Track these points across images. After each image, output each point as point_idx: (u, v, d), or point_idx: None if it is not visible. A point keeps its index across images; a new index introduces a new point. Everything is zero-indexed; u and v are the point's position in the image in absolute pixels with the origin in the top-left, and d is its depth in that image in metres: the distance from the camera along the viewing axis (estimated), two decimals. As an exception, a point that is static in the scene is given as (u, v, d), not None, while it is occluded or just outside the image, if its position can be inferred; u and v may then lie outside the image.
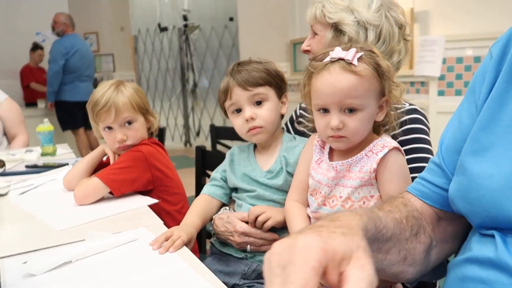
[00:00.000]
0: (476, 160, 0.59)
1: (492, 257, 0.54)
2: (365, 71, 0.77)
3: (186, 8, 5.89)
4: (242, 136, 1.04)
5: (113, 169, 1.23)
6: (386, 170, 0.80)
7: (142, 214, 1.08)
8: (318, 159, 0.89)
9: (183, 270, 0.75)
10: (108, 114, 1.23)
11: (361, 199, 0.82)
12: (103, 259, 0.81)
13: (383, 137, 0.85)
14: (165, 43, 6.21)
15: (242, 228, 0.97)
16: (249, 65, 1.02)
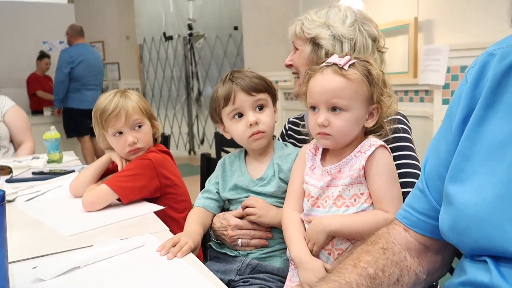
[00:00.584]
0: (460, 189, 0.60)
1: (487, 283, 0.55)
2: (354, 76, 0.85)
3: (191, 17, 5.95)
4: (242, 141, 1.05)
5: (121, 176, 1.24)
6: (373, 166, 0.84)
7: (148, 221, 1.08)
8: (311, 165, 0.93)
9: (192, 276, 0.76)
10: (118, 118, 1.25)
11: (352, 197, 0.86)
12: (111, 265, 0.82)
13: (370, 137, 0.89)
14: (170, 51, 6.27)
15: (235, 221, 1.02)
16: (246, 72, 1.05)
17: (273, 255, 1.02)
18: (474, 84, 0.63)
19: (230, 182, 1.08)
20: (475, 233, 0.57)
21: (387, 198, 0.84)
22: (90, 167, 1.37)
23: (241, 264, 1.01)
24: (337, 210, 0.86)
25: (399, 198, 0.85)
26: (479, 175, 0.58)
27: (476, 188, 0.58)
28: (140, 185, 1.22)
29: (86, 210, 1.17)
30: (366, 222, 0.82)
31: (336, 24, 1.02)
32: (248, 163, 1.09)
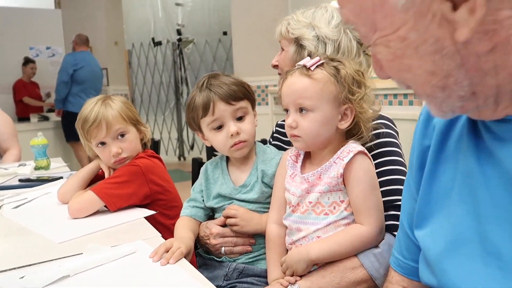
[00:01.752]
0: (422, 234, 0.61)
1: None
2: (319, 75, 0.84)
3: (180, 23, 5.94)
4: (224, 151, 1.03)
5: (109, 183, 1.21)
6: (352, 174, 0.83)
7: (139, 227, 1.07)
8: (292, 173, 0.92)
9: (186, 282, 0.74)
10: (99, 129, 1.21)
11: (331, 204, 0.85)
12: (102, 273, 0.80)
13: (350, 143, 0.87)
14: (159, 57, 6.24)
15: (216, 230, 1.01)
16: (223, 78, 1.01)
17: (259, 258, 1.01)
18: (423, 131, 0.63)
19: (213, 191, 1.07)
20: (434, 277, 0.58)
21: (364, 208, 0.82)
22: (78, 173, 1.34)
23: (228, 269, 1.00)
24: (316, 217, 0.85)
25: (377, 207, 0.84)
26: (434, 221, 0.59)
27: (431, 234, 0.59)
28: (128, 192, 1.20)
29: (72, 216, 1.15)
30: (342, 244, 0.82)
31: (321, 25, 1.01)
32: (230, 169, 1.08)
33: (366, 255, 0.83)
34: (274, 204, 0.96)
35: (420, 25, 0.42)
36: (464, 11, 0.39)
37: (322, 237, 0.85)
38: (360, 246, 0.83)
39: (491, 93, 0.44)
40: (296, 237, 0.88)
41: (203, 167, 1.13)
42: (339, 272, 0.82)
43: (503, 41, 0.40)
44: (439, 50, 0.43)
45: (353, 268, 0.82)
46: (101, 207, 1.18)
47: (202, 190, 1.10)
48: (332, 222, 0.84)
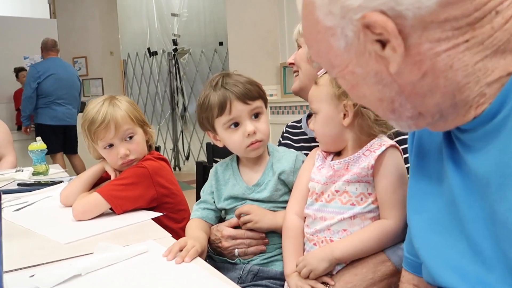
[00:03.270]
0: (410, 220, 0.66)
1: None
2: (322, 80, 0.89)
3: (176, 33, 5.96)
4: (240, 151, 1.02)
5: (115, 185, 1.18)
6: (382, 166, 0.83)
7: (147, 228, 1.04)
8: (319, 165, 0.92)
9: (206, 279, 0.72)
10: (108, 130, 1.18)
11: (359, 195, 0.84)
12: (114, 272, 0.77)
13: (380, 137, 0.87)
14: (155, 67, 6.23)
15: (228, 232, 0.99)
16: (237, 77, 1.00)
17: (274, 259, 0.99)
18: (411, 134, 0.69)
19: (224, 192, 1.05)
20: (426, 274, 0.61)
21: (390, 201, 0.82)
22: (82, 175, 1.31)
23: (242, 271, 0.97)
24: (342, 206, 0.84)
25: (404, 202, 0.81)
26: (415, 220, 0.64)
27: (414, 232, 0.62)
28: (135, 195, 1.17)
29: (76, 219, 1.11)
30: (367, 240, 0.81)
31: None
32: (242, 170, 1.06)
33: (393, 249, 0.82)
34: (296, 195, 0.94)
35: (362, 61, 0.50)
36: (389, 50, 0.47)
37: (348, 232, 0.83)
38: (386, 242, 0.81)
39: (435, 110, 0.51)
40: (320, 227, 0.86)
41: (213, 169, 1.11)
42: (370, 267, 0.81)
43: (430, 68, 0.47)
44: (380, 81, 0.51)
45: (383, 262, 0.81)
46: (106, 210, 1.15)
47: (212, 192, 1.07)
48: (358, 214, 0.83)
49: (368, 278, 0.80)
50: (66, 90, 4.26)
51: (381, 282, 0.80)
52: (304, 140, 1.15)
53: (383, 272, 0.80)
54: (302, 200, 0.93)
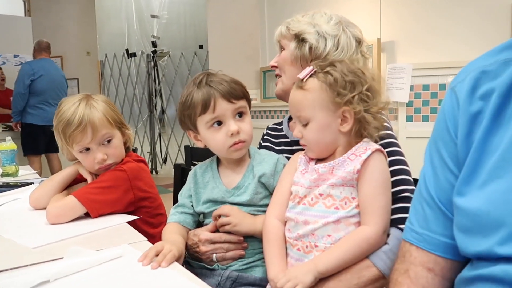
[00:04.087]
0: (469, 200, 0.60)
1: None
2: (310, 85, 0.85)
3: (155, 35, 5.89)
4: (221, 151, 0.99)
5: (92, 188, 1.13)
6: (367, 171, 0.81)
7: (123, 231, 1.00)
8: (303, 169, 0.90)
9: (182, 285, 0.69)
10: (84, 134, 1.11)
11: (343, 199, 0.82)
12: (85, 278, 0.73)
13: (365, 141, 0.86)
14: (133, 68, 6.13)
15: (205, 236, 0.95)
16: (221, 76, 0.98)
17: (254, 265, 0.96)
18: (468, 99, 0.65)
19: (203, 195, 1.02)
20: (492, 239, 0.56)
21: (372, 207, 0.80)
22: (54, 177, 1.25)
23: (220, 277, 0.94)
24: (326, 210, 0.82)
25: (385, 209, 0.82)
26: (489, 184, 0.58)
27: (486, 196, 0.58)
28: (112, 198, 1.12)
29: (50, 222, 1.06)
30: (349, 250, 0.79)
31: (321, 23, 1.03)
32: (222, 173, 1.03)
33: (377, 254, 0.81)
34: (277, 199, 0.92)
35: None
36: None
37: (332, 238, 0.81)
38: (368, 249, 0.80)
39: None
40: (303, 231, 0.83)
41: (192, 171, 1.08)
42: (354, 273, 0.79)
43: None
44: None
45: (368, 267, 0.80)
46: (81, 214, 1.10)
47: (191, 195, 1.04)
48: (342, 218, 0.81)
49: (352, 284, 0.79)
50: (57, 91, 4.27)
51: (366, 287, 0.79)
52: (286, 143, 1.13)
53: (368, 278, 0.79)
54: (283, 204, 0.91)
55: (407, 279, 0.69)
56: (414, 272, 0.69)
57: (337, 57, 1.00)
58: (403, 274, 0.70)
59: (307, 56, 1.01)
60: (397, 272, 0.71)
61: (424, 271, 0.68)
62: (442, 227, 0.67)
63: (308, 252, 0.83)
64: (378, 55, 3.12)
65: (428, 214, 0.69)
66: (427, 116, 2.79)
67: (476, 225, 0.58)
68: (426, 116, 2.80)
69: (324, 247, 0.81)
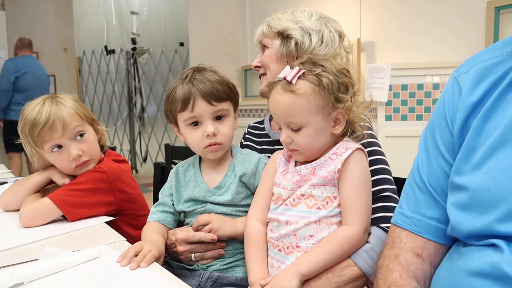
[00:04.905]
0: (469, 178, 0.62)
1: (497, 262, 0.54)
2: (303, 89, 0.80)
3: (135, 32, 5.79)
4: (197, 151, 0.98)
5: (69, 190, 1.07)
6: (347, 170, 0.81)
7: (101, 232, 0.98)
8: (283, 170, 0.89)
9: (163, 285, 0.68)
10: (53, 130, 1.05)
11: (324, 199, 0.82)
12: (61, 280, 0.71)
13: (345, 140, 0.86)
14: (112, 66, 6.02)
15: (181, 235, 0.94)
16: (208, 74, 0.96)
17: (234, 265, 0.95)
18: (471, 90, 0.66)
19: (184, 194, 1.01)
20: (491, 216, 0.57)
21: (352, 207, 0.80)
22: (25, 183, 1.17)
23: (201, 278, 0.93)
24: (308, 210, 0.82)
25: (366, 208, 0.82)
26: (487, 162, 0.60)
27: (486, 174, 0.59)
28: (91, 202, 1.08)
29: (24, 225, 1.02)
30: (331, 251, 0.79)
31: (302, 19, 1.02)
32: (204, 171, 1.02)
33: (358, 253, 0.81)
34: (258, 201, 0.91)
35: None
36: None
37: (314, 238, 0.81)
38: (349, 249, 0.80)
39: None
40: (285, 231, 0.83)
41: (174, 169, 1.07)
42: (335, 271, 0.80)
43: None
44: None
45: (349, 266, 0.80)
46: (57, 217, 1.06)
47: (172, 194, 1.03)
48: (324, 218, 0.81)
49: (333, 282, 0.79)
50: (41, 88, 4.22)
51: (347, 286, 0.80)
52: (268, 143, 1.13)
53: (349, 276, 0.80)
54: (264, 206, 0.90)
55: (399, 265, 0.70)
56: (404, 258, 0.70)
57: (322, 52, 0.99)
58: (393, 261, 0.71)
59: (294, 52, 1.00)
60: (387, 259, 0.72)
61: (414, 257, 0.69)
62: (432, 212, 0.69)
63: (288, 253, 0.83)
64: (358, 55, 3.16)
65: (419, 199, 0.71)
66: (406, 116, 2.85)
67: (475, 201, 0.60)
68: (405, 115, 2.85)
69: (306, 248, 0.81)
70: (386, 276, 0.70)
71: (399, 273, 0.69)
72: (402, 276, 0.68)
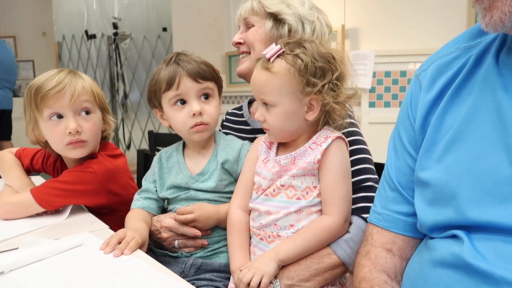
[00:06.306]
0: (430, 172, 0.63)
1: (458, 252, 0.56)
2: (277, 68, 0.79)
3: (116, 16, 5.65)
4: (183, 132, 0.97)
5: (54, 188, 0.98)
6: (327, 161, 0.80)
7: (83, 219, 0.97)
8: (264, 158, 0.89)
9: (148, 273, 0.68)
10: (60, 96, 0.95)
11: (304, 189, 0.82)
12: (43, 268, 0.70)
13: (325, 129, 0.84)
14: (93, 51, 5.88)
15: (166, 223, 0.94)
16: (193, 56, 0.96)
17: (219, 251, 0.96)
18: (428, 87, 0.68)
19: (167, 181, 1.00)
20: (450, 208, 0.59)
21: (332, 197, 0.80)
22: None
23: (184, 265, 0.93)
24: (288, 200, 0.82)
25: (346, 197, 0.82)
26: (446, 156, 0.62)
27: (445, 167, 0.61)
28: (77, 202, 1.03)
29: (1, 217, 0.98)
30: (309, 239, 0.80)
31: (296, 5, 0.99)
32: (187, 157, 1.02)
33: (338, 242, 0.82)
34: (240, 189, 0.91)
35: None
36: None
37: (294, 228, 0.81)
38: (328, 239, 0.81)
39: None
40: (266, 221, 0.83)
41: (157, 155, 1.05)
42: (314, 258, 0.80)
43: None
44: None
45: (328, 254, 0.81)
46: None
47: (155, 180, 1.02)
48: (304, 208, 0.81)
49: (312, 268, 0.80)
50: (7, 73, 4.00)
51: (326, 273, 0.80)
52: (247, 131, 1.11)
53: (328, 264, 0.80)
54: (246, 194, 0.90)
55: (368, 261, 0.71)
56: (374, 253, 0.72)
57: None
58: (364, 257, 0.73)
59: (285, 37, 0.96)
60: (360, 256, 0.74)
61: (384, 252, 0.71)
62: (400, 207, 0.71)
63: (270, 242, 0.83)
64: (342, 41, 3.16)
65: (388, 195, 0.73)
66: (389, 102, 2.88)
67: (437, 195, 0.61)
68: (388, 102, 2.88)
69: (286, 237, 0.81)
70: (357, 272, 0.72)
71: (368, 268, 0.71)
72: (372, 270, 0.70)
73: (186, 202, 0.97)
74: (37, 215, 0.99)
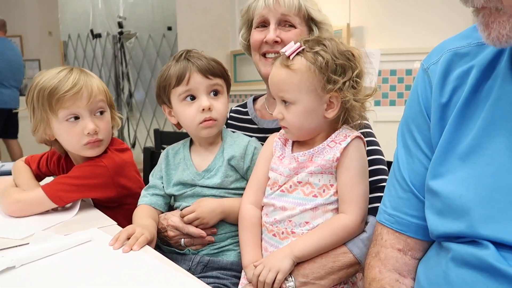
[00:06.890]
0: (442, 182, 0.61)
1: None
2: (297, 65, 0.79)
3: (121, 15, 5.67)
4: (191, 127, 0.97)
5: (66, 184, 1.00)
6: (346, 159, 0.80)
7: (91, 215, 0.98)
8: (280, 154, 0.88)
9: (157, 268, 0.68)
10: (78, 98, 0.96)
11: (321, 187, 0.82)
12: (53, 264, 0.71)
13: (344, 127, 0.85)
14: (98, 50, 5.91)
15: (172, 222, 0.94)
16: (203, 54, 0.97)
17: (226, 249, 0.96)
18: (441, 82, 0.65)
19: (174, 177, 1.00)
20: (462, 222, 0.57)
21: (350, 196, 0.80)
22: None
23: (191, 262, 0.93)
24: (304, 197, 0.82)
25: (363, 196, 0.82)
26: (460, 169, 0.59)
27: (459, 180, 0.59)
28: (88, 197, 1.04)
29: (12, 215, 0.97)
30: (325, 237, 0.79)
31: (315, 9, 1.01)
32: (194, 154, 1.02)
33: (354, 241, 0.82)
34: (253, 184, 0.91)
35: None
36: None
37: (310, 225, 0.81)
38: (344, 237, 0.81)
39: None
40: (280, 217, 0.83)
41: (164, 152, 1.06)
42: (330, 257, 0.80)
43: None
44: None
45: (344, 253, 0.81)
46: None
47: (162, 176, 1.03)
48: (320, 205, 0.81)
49: (327, 267, 0.80)
50: (14, 72, 4.04)
51: (340, 271, 0.80)
52: (253, 130, 1.11)
53: (343, 262, 0.80)
54: (259, 190, 0.90)
55: (378, 261, 0.70)
56: (384, 254, 0.70)
57: None
58: (374, 258, 0.71)
59: None
60: (370, 257, 0.73)
61: (394, 252, 0.70)
62: (413, 209, 0.68)
63: (283, 238, 0.83)
64: (348, 40, 3.16)
65: (401, 196, 0.70)
66: (394, 101, 2.87)
67: (448, 207, 0.59)
68: (393, 100, 2.88)
69: (301, 234, 0.81)
70: (367, 274, 0.71)
71: (378, 268, 0.70)
72: (382, 271, 0.69)
73: (192, 199, 0.97)
74: (46, 212, 1.00)
